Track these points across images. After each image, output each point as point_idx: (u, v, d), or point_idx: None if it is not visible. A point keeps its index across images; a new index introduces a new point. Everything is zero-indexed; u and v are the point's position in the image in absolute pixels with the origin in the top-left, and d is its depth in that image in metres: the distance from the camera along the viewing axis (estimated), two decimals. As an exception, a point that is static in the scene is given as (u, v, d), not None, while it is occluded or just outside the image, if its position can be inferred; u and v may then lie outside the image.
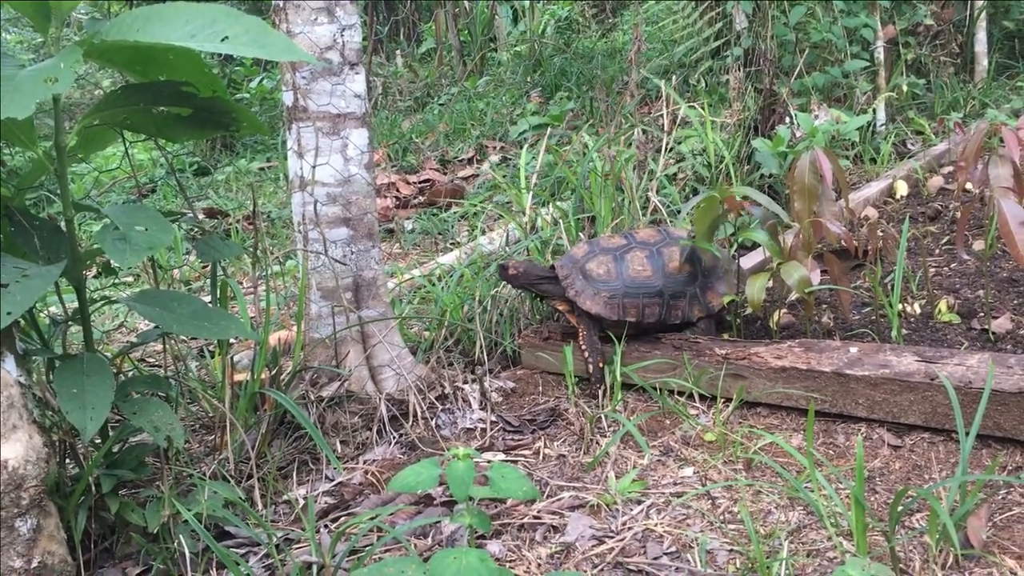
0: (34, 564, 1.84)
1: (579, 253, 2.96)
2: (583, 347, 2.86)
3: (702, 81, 5.34)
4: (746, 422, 2.59)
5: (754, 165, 4.46)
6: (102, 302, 2.33)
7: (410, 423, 2.75)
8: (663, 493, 2.26)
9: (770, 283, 2.89)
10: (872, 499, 2.13)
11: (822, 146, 2.86)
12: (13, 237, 2.04)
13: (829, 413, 2.52)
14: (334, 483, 2.50)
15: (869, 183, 4.75)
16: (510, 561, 2.03)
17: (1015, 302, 3.08)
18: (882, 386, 2.40)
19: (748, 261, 3.74)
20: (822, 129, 4.29)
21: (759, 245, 3.74)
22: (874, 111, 5.50)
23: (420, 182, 6.22)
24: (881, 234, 3.05)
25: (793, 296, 3.22)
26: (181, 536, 2.08)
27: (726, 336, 2.96)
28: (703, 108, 4.37)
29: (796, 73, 4.99)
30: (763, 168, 4.28)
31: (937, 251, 3.74)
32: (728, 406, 2.65)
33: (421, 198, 5.94)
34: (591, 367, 2.84)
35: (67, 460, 2.18)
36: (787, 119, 4.65)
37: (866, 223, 3.36)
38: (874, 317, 3.06)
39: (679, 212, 3.85)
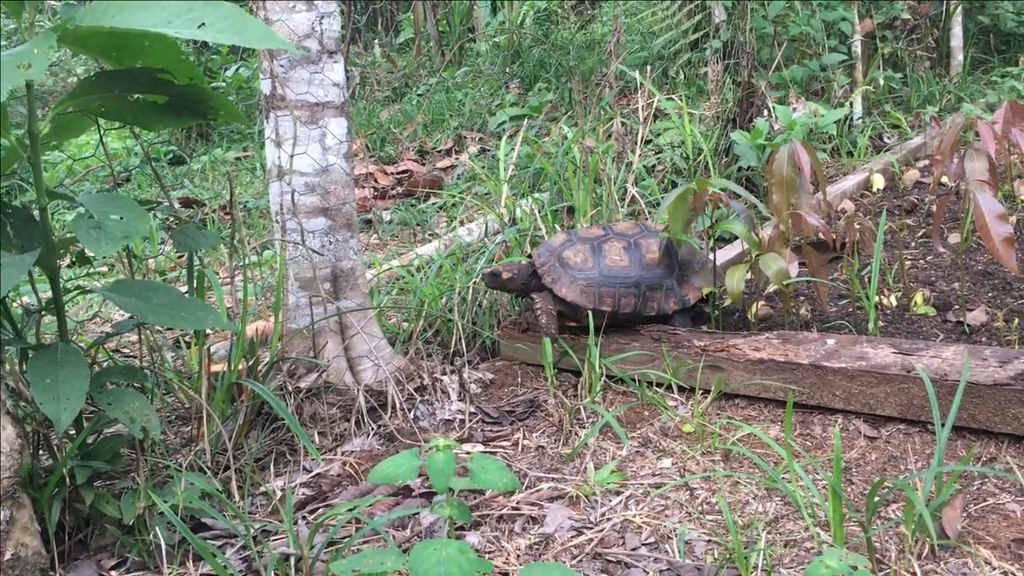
0: (7, 556, 1.82)
1: (557, 242, 2.98)
2: (538, 311, 2.90)
3: (681, 73, 5.34)
4: (724, 413, 2.60)
5: (732, 158, 4.48)
6: (76, 292, 2.30)
7: (388, 414, 2.74)
8: (642, 484, 2.27)
9: (749, 275, 2.90)
10: (849, 490, 2.14)
11: (800, 139, 2.88)
12: (-15, 225, 2.01)
13: (807, 405, 2.53)
14: (312, 474, 2.49)
15: (846, 176, 4.78)
16: (489, 552, 2.03)
17: (990, 295, 3.11)
18: (859, 378, 2.42)
19: (726, 253, 3.76)
20: (800, 122, 4.31)
21: (737, 237, 3.76)
22: (851, 104, 5.54)
23: (398, 173, 6.19)
24: (858, 227, 3.07)
25: (771, 288, 3.24)
26: (157, 528, 2.06)
27: (705, 328, 2.97)
28: (681, 100, 4.37)
29: (774, 66, 5.01)
30: (741, 161, 4.30)
31: (913, 244, 3.78)
32: (707, 397, 2.66)
33: (399, 189, 5.91)
34: (541, 320, 2.90)
35: (41, 451, 2.16)
36: (765, 112, 4.66)
37: (843, 216, 3.38)
38: (851, 309, 3.09)
39: (658, 204, 3.85)
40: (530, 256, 3.00)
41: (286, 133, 2.76)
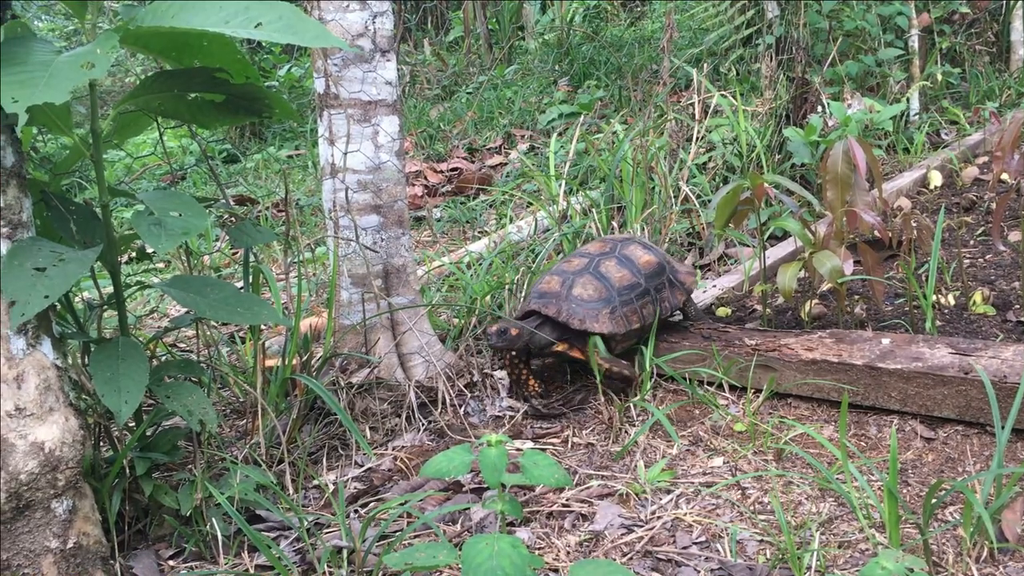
0: (69, 545, 1.87)
1: (554, 287, 2.78)
2: (604, 361, 2.68)
3: (733, 70, 5.29)
4: (776, 413, 2.58)
5: (786, 154, 4.43)
6: (136, 287, 2.35)
7: (439, 410, 2.76)
8: (692, 483, 2.25)
9: (802, 273, 2.87)
10: (905, 491, 2.11)
11: (855, 135, 2.83)
12: (50, 222, 2.07)
13: (861, 405, 2.49)
14: (364, 469, 2.52)
15: (903, 173, 4.70)
16: (539, 548, 2.03)
17: (1052, 294, 3.04)
18: (915, 379, 2.37)
19: (778, 251, 3.72)
20: (855, 118, 4.24)
21: (789, 235, 3.72)
22: (908, 100, 5.43)
23: (448, 170, 6.22)
24: (915, 224, 3.01)
25: (825, 286, 3.19)
26: (213, 519, 2.10)
27: (751, 325, 2.94)
28: (734, 97, 4.33)
29: (829, 61, 4.94)
30: (795, 157, 4.24)
31: (972, 242, 3.70)
32: (758, 397, 2.64)
33: (449, 187, 5.94)
34: (627, 372, 2.70)
35: (102, 443, 2.21)
36: (819, 108, 4.60)
37: (900, 213, 3.32)
38: (908, 308, 3.03)
39: (709, 201, 3.82)
40: (528, 313, 2.79)
41: (339, 131, 2.79)
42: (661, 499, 2.19)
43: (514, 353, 2.80)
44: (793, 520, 2.03)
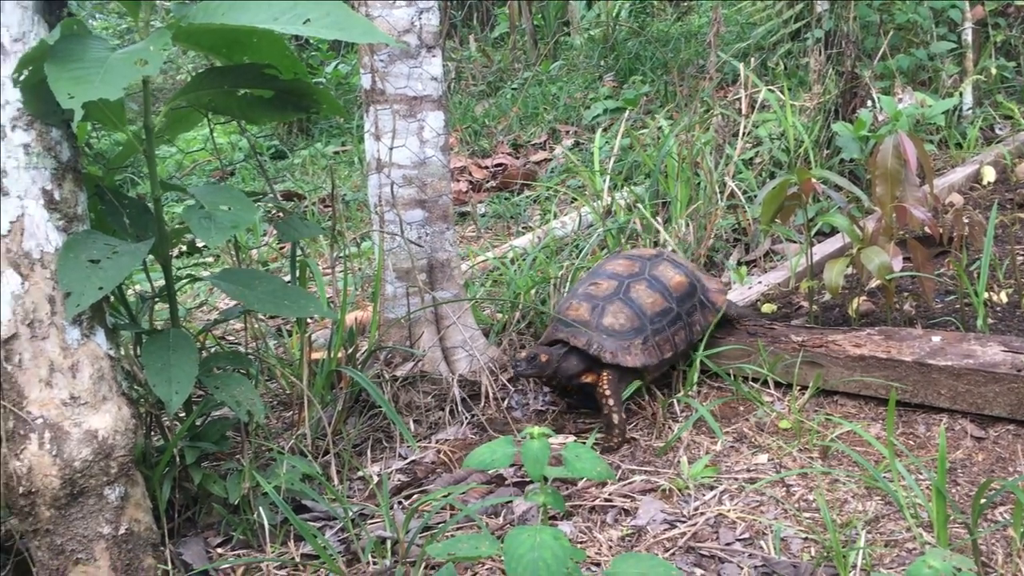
0: (121, 531, 1.91)
1: (583, 314, 2.63)
2: (609, 397, 2.52)
3: (781, 64, 5.23)
4: (822, 410, 2.55)
5: (834, 150, 4.37)
6: (187, 280, 2.39)
7: (482, 404, 2.77)
8: (736, 479, 2.24)
9: (849, 269, 2.83)
10: (954, 491, 2.08)
11: (906, 130, 2.79)
12: (104, 216, 2.11)
13: (910, 403, 2.46)
14: (407, 461, 2.54)
15: (955, 168, 4.61)
16: (581, 542, 2.04)
17: (1109, 292, 2.96)
18: (966, 376, 2.33)
19: (826, 247, 3.68)
20: (906, 113, 4.17)
21: (837, 231, 3.67)
22: (961, 94, 5.33)
23: (493, 166, 6.23)
24: (967, 220, 2.96)
25: (873, 283, 3.15)
26: (261, 508, 2.13)
27: (798, 322, 2.91)
28: (782, 91, 4.28)
29: (879, 55, 4.86)
30: (844, 153, 4.19)
31: (1026, 239, 3.62)
32: (804, 394, 2.61)
33: (494, 182, 5.95)
34: (616, 418, 2.51)
35: (153, 432, 2.25)
36: (869, 103, 4.53)
37: (951, 209, 3.27)
38: (959, 306, 2.98)
39: (755, 197, 3.79)
40: (554, 343, 2.64)
41: (385, 126, 2.81)
42: (704, 495, 2.18)
43: (534, 382, 2.70)
44: (838, 518, 2.01)
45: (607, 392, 2.52)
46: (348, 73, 8.90)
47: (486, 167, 6.23)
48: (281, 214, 2.59)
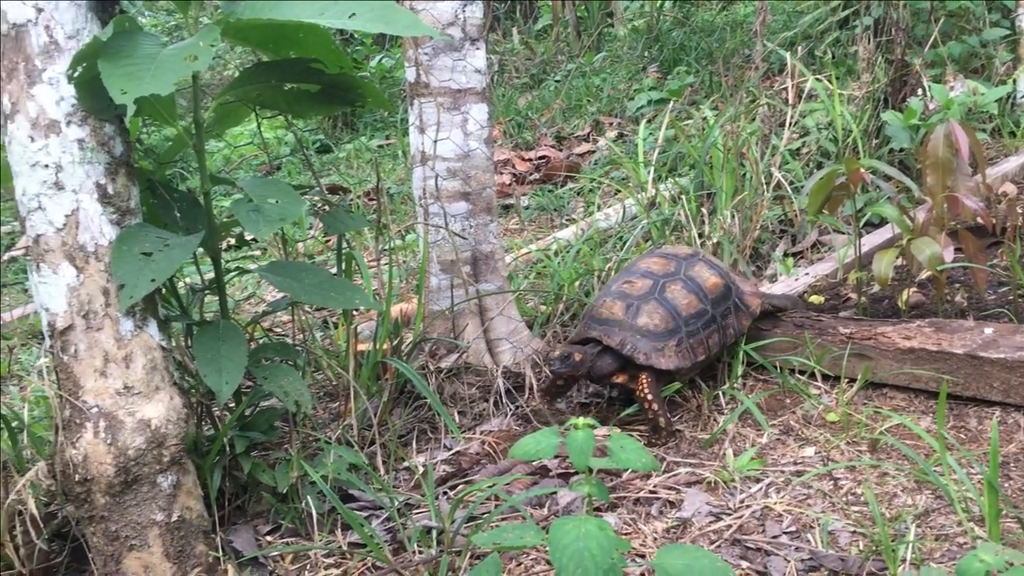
0: (174, 518, 1.95)
1: (616, 313, 2.57)
2: (652, 401, 2.48)
3: (829, 53, 5.16)
4: (871, 403, 2.52)
5: (883, 139, 4.30)
6: (235, 272, 2.43)
7: (526, 396, 2.78)
8: (783, 472, 2.22)
9: (899, 260, 2.79)
10: (1006, 485, 2.04)
11: (958, 118, 2.74)
12: (155, 209, 2.15)
13: (961, 396, 2.42)
14: (452, 452, 2.56)
15: (1008, 158, 4.52)
16: (626, 534, 2.04)
17: None
18: (1019, 369, 2.29)
19: (875, 238, 3.63)
20: (957, 101, 4.09)
21: (887, 222, 3.62)
22: (1014, 82, 5.21)
23: (536, 158, 6.23)
24: (1020, 210, 2.90)
25: (924, 274, 3.10)
26: (308, 497, 2.16)
27: (846, 314, 2.88)
28: (830, 80, 4.22)
29: (930, 43, 4.77)
30: (893, 142, 4.12)
31: (1083, 229, 3.53)
32: (852, 386, 2.58)
33: (537, 175, 5.95)
34: (662, 420, 2.48)
35: (203, 421, 2.29)
36: (920, 91, 4.45)
37: (1004, 199, 3.20)
38: (1012, 297, 2.92)
39: (802, 187, 3.75)
40: (587, 340, 2.59)
41: (429, 119, 2.82)
42: (750, 488, 2.17)
43: (562, 382, 2.65)
44: (888, 512, 1.99)
45: (648, 396, 2.48)
46: (392, 67, 8.95)
47: (529, 159, 6.22)
48: (327, 207, 2.62)
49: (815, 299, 3.22)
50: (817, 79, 4.25)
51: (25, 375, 3.24)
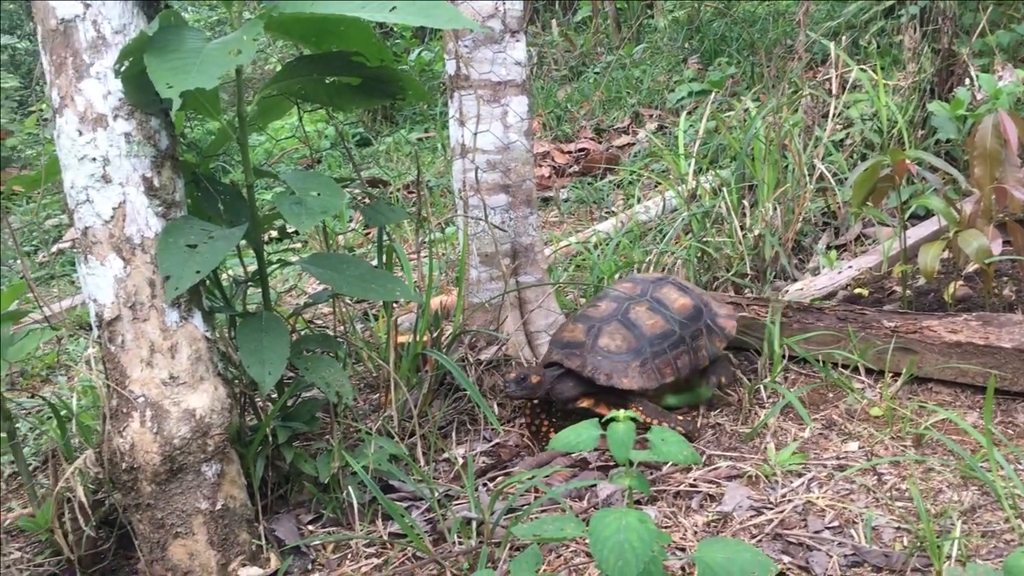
0: (218, 506, 1.98)
1: (578, 336, 2.52)
2: (661, 422, 2.40)
3: (874, 42, 5.08)
4: (916, 398, 2.48)
5: (929, 130, 4.23)
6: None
7: (566, 388, 2.77)
8: (825, 466, 2.20)
9: (946, 253, 2.74)
10: (1056, 482, 2.00)
11: (1006, 108, 2.68)
12: (200, 202, 2.18)
13: (1009, 391, 2.38)
14: (491, 444, 2.56)
15: (1058, 148, 4.41)
16: (666, 527, 2.03)
17: None
18: (1070, 364, 2.24)
19: (920, 231, 3.57)
20: (1006, 91, 4.01)
21: (932, 214, 3.56)
22: (1066, 71, 5.09)
23: (576, 151, 6.22)
24: (1072, 202, 2.83)
25: (971, 267, 3.05)
26: (350, 487, 2.18)
27: (890, 308, 2.83)
28: (875, 70, 4.16)
29: (978, 31, 4.67)
30: (940, 133, 4.05)
31: None
32: (897, 380, 2.54)
33: (576, 167, 5.94)
34: (688, 426, 2.45)
35: (246, 412, 2.32)
36: (967, 81, 4.36)
37: (1055, 190, 3.13)
38: (1062, 291, 2.86)
39: (846, 179, 3.70)
40: (550, 365, 2.52)
41: (469, 112, 2.83)
42: (792, 482, 2.15)
43: (535, 403, 2.57)
44: (933, 508, 1.96)
45: (652, 421, 2.40)
46: (431, 60, 8.97)
47: (569, 152, 6.21)
48: (367, 200, 2.63)
49: (859, 291, 3.18)
50: (862, 69, 4.19)
51: (73, 365, 3.31)
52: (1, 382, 2.15)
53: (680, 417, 2.49)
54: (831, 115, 3.94)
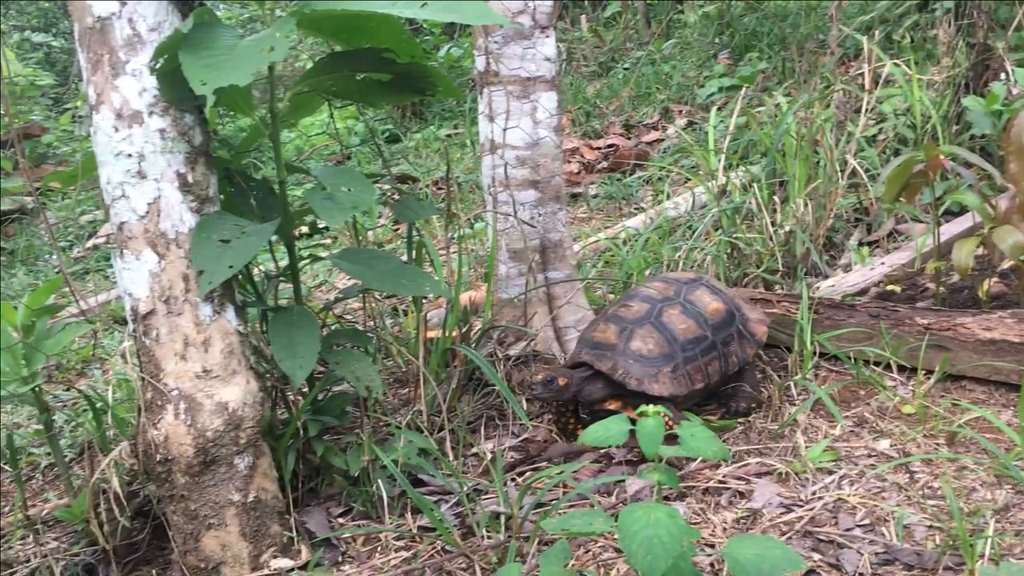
0: (250, 498, 2.00)
1: (609, 337, 2.47)
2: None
3: (907, 36, 5.02)
4: (949, 395, 2.46)
5: (964, 125, 4.17)
6: (308, 259, 2.47)
7: (594, 384, 2.77)
8: (856, 464, 2.19)
9: (980, 249, 2.71)
10: (1093, 482, 1.98)
11: (1044, 102, 2.64)
12: (232, 197, 2.21)
13: (1044, 389, 2.34)
14: (520, 439, 2.57)
15: (1097, 143, 4.34)
16: (695, 523, 2.03)
17: None
18: (1108, 362, 2.21)
19: (954, 227, 3.53)
20: (1043, 85, 3.95)
21: (967, 210, 3.52)
22: (1104, 65, 5.00)
23: (605, 147, 6.20)
24: (1111, 198, 2.79)
25: (1006, 264, 3.00)
26: (379, 480, 2.20)
27: (923, 304, 2.81)
28: (908, 65, 4.11)
29: (1014, 25, 4.60)
30: (974, 128, 4.00)
31: None
32: (930, 378, 2.52)
33: (605, 163, 5.92)
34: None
35: (278, 405, 2.34)
36: (1002, 75, 4.30)
37: (1093, 186, 3.08)
38: (1099, 288, 2.82)
39: (878, 175, 3.66)
40: (578, 364, 2.50)
41: (499, 108, 2.83)
42: (823, 479, 2.14)
43: (560, 403, 2.54)
44: (966, 506, 1.94)
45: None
46: (460, 57, 8.99)
47: (598, 148, 6.20)
48: (397, 196, 2.65)
49: (891, 288, 3.15)
50: (895, 64, 4.15)
51: (108, 358, 3.36)
52: (39, 375, 2.19)
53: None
54: (864, 110, 3.90)
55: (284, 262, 2.30)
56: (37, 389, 2.19)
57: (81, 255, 5.86)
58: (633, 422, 1.53)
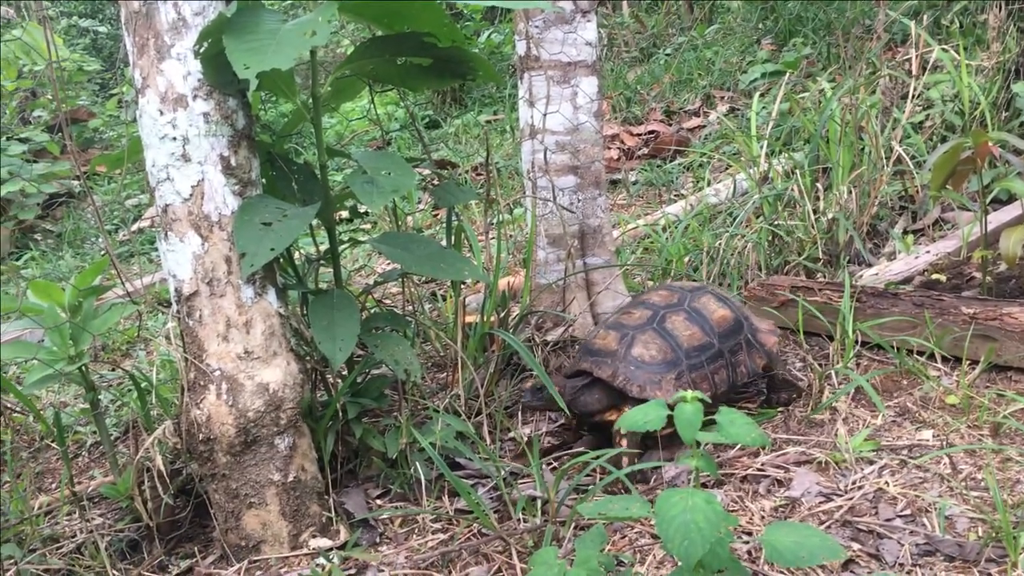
0: (290, 478, 2.03)
1: (609, 343, 2.35)
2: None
3: (956, 21, 4.92)
4: (994, 386, 2.42)
5: (1013, 112, 4.08)
6: (348, 243, 2.49)
7: (632, 370, 2.76)
8: (898, 454, 2.16)
9: (1029, 238, 2.66)
10: None
11: (1098, 87, 2.58)
12: (274, 181, 2.23)
13: (1093, 381, 2.30)
14: (556, 424, 2.57)
15: None
16: (733, 510, 2.02)
17: None
18: None
19: (1002, 216, 3.46)
20: (1097, 70, 3.85)
21: (1015, 198, 3.45)
22: None
23: (645, 133, 6.16)
24: None
25: (1055, 254, 2.94)
26: (417, 463, 2.22)
27: (972, 296, 2.76)
28: (957, 50, 4.03)
29: (1068, 9, 4.49)
30: (1024, 115, 3.91)
31: None
32: (974, 368, 2.48)
33: (646, 149, 5.88)
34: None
35: (317, 387, 2.37)
36: (1055, 60, 4.20)
37: None
38: None
39: (924, 162, 3.60)
40: (577, 372, 2.39)
41: (539, 93, 2.83)
42: (863, 469, 2.11)
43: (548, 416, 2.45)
44: (1010, 498, 1.91)
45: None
46: (501, 42, 8.97)
47: (638, 134, 6.16)
48: (436, 181, 2.66)
49: (936, 277, 3.10)
50: (943, 49, 4.06)
51: (152, 339, 3.41)
52: (85, 355, 2.23)
53: None
54: (910, 96, 3.83)
55: (324, 246, 2.32)
56: (84, 368, 2.24)
57: (126, 238, 5.95)
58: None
